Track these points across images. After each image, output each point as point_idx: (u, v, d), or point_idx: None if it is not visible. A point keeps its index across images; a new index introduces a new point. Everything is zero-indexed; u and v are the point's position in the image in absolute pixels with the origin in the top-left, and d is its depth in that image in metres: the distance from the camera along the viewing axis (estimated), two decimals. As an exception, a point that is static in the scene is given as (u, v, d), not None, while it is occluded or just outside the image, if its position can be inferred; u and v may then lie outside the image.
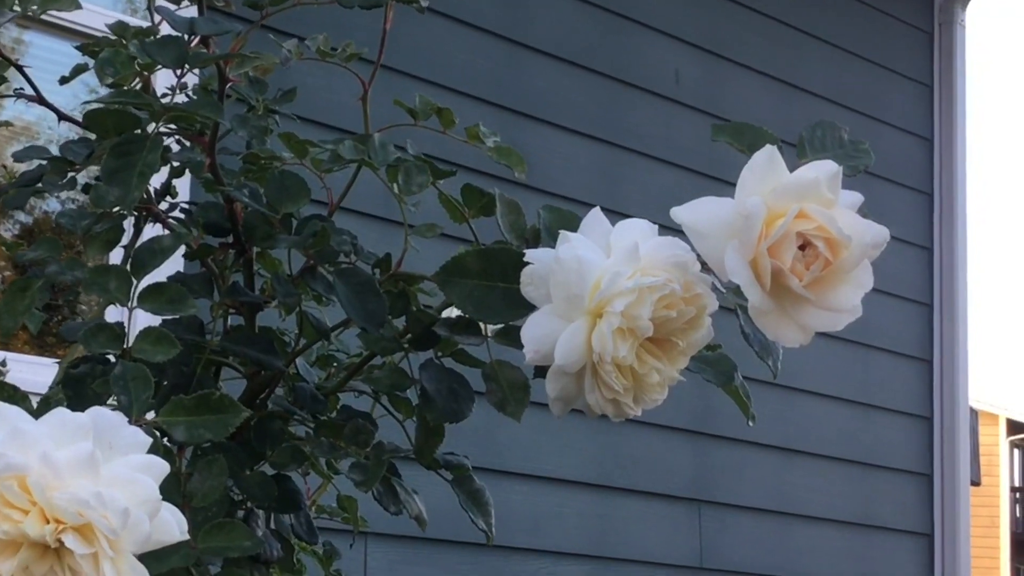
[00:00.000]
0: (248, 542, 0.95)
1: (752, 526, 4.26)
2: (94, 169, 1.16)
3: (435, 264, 0.94)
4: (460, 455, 1.10)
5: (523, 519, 3.72)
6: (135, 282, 0.98)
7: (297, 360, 1.13)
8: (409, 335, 1.03)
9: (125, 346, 0.96)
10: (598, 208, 0.95)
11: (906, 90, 4.73)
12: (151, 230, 1.17)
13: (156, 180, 1.08)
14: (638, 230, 0.94)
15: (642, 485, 3.98)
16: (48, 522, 0.81)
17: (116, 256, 1.17)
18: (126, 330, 0.97)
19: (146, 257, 0.99)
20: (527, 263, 0.93)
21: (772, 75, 4.37)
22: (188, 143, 1.15)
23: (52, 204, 3.43)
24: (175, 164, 1.19)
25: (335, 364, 1.28)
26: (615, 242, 0.94)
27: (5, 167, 1.82)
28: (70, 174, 1.19)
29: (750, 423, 1.07)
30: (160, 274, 1.05)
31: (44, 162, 1.07)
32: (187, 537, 0.84)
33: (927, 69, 4.82)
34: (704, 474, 4.15)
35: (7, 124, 2.08)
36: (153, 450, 0.85)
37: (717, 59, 4.29)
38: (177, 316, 0.97)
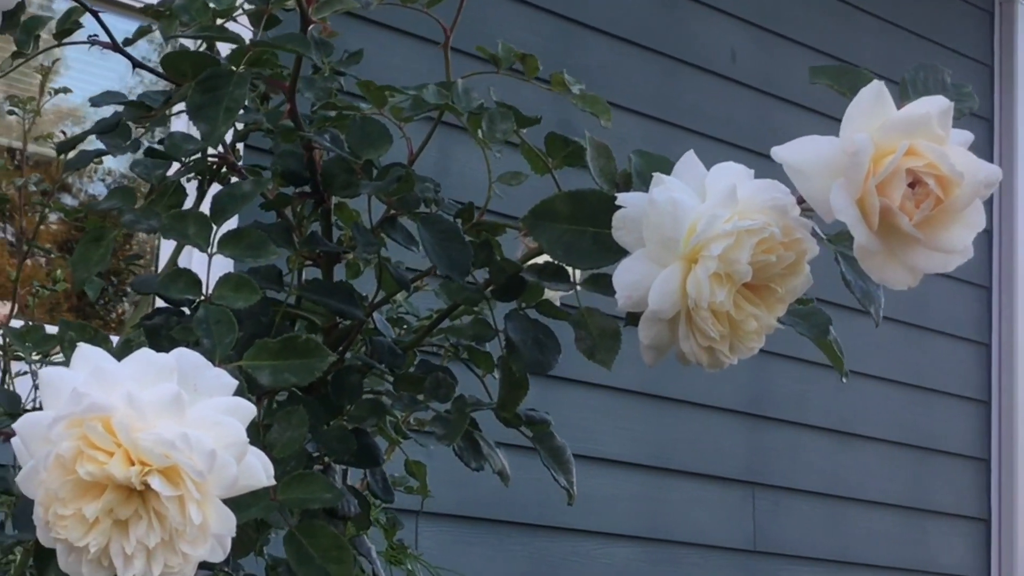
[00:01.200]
0: (328, 494, 0.93)
1: (806, 510, 4.21)
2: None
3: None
4: (541, 411, 1.07)
5: (577, 500, 3.68)
6: (214, 227, 0.96)
7: (374, 315, 1.10)
8: (492, 286, 1.00)
9: (204, 293, 0.94)
10: (692, 151, 0.92)
11: (964, 69, 4.65)
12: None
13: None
14: (735, 173, 0.91)
15: (695, 467, 3.94)
16: (133, 464, 0.79)
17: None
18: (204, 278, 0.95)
19: (226, 202, 0.96)
20: (619, 207, 0.90)
21: (828, 52, 4.31)
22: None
23: (99, 188, 3.42)
24: (239, 127, 1.16)
25: (404, 326, 1.25)
26: (711, 185, 0.91)
27: (64, 133, 1.80)
28: (133, 138, 1.17)
29: (844, 379, 1.03)
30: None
31: (121, 107, 1.05)
32: (273, 482, 0.82)
33: (986, 48, 4.75)
34: (758, 456, 4.11)
35: (66, 90, 2.06)
36: (238, 393, 0.82)
37: (773, 36, 4.24)
38: (257, 263, 0.94)
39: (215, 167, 1.11)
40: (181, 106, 1.07)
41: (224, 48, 1.10)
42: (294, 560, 0.92)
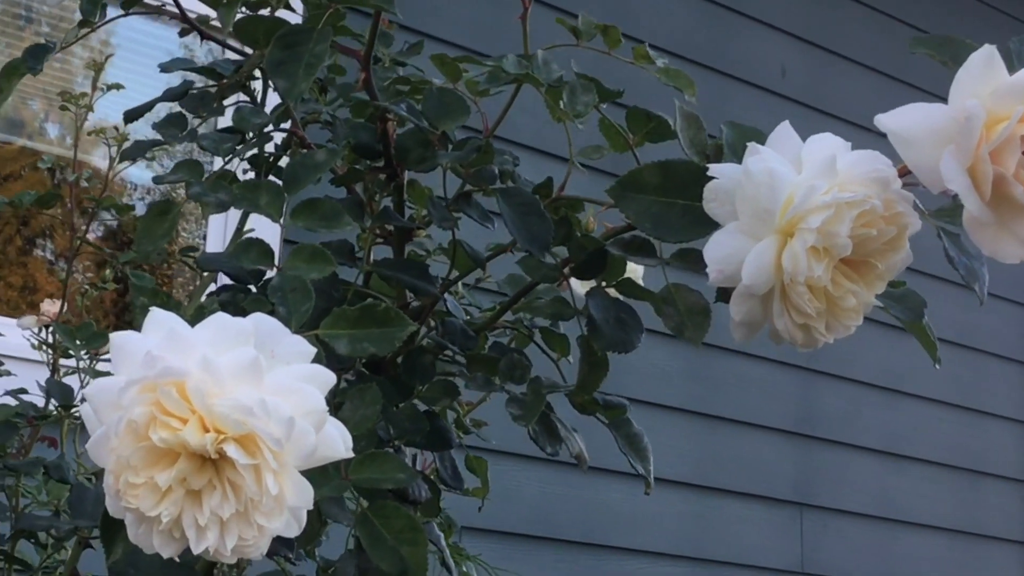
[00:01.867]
0: (402, 474, 0.89)
1: (855, 531, 4.15)
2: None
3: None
4: (620, 396, 1.03)
5: (620, 518, 3.65)
6: (287, 198, 0.92)
7: (446, 297, 1.07)
8: (571, 264, 0.97)
9: (276, 264, 0.90)
10: (787, 122, 0.88)
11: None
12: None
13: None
14: (833, 144, 0.87)
15: (742, 486, 3.89)
16: (208, 431, 0.75)
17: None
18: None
19: (299, 172, 0.93)
20: (711, 178, 0.86)
21: (878, 69, 4.26)
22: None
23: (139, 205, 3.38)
24: (300, 117, 1.13)
25: (468, 317, 1.22)
26: (807, 157, 0.87)
27: (117, 129, 1.77)
28: (189, 127, 1.14)
29: (937, 366, 0.99)
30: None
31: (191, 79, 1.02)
32: (352, 455, 0.78)
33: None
34: (806, 477, 4.05)
35: (118, 86, 2.04)
36: (316, 362, 0.79)
37: (823, 53, 4.20)
38: (331, 234, 0.91)
39: (289, 139, 1.08)
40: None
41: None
42: (366, 541, 0.89)
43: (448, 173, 1.01)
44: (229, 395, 0.75)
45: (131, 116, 1.11)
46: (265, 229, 1.06)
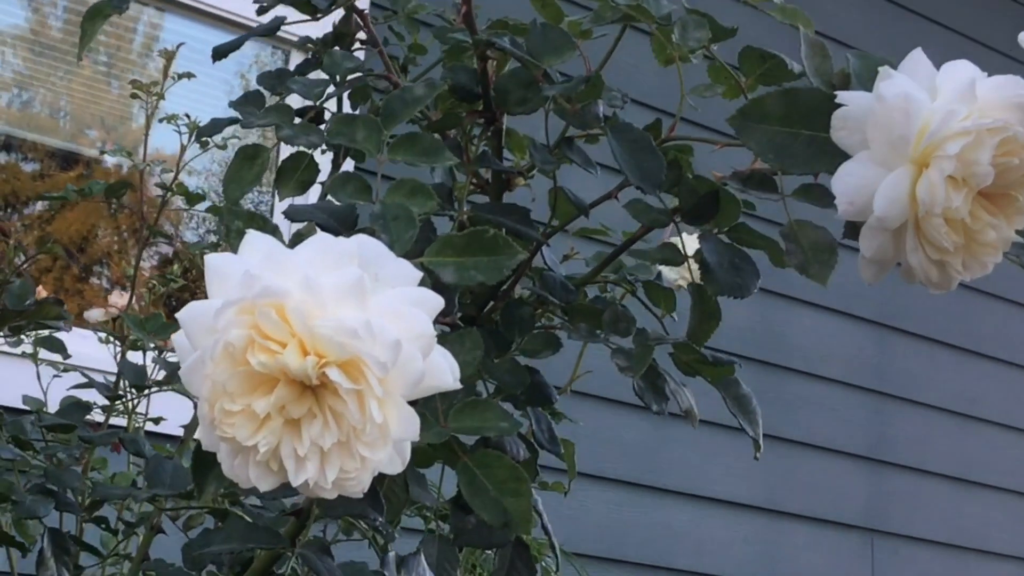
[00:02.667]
0: (504, 423, 0.84)
1: (927, 559, 4.06)
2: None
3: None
4: (729, 353, 0.98)
5: (686, 541, 3.58)
6: (385, 133, 0.88)
7: (544, 251, 1.02)
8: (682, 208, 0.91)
9: (374, 199, 0.86)
10: (919, 49, 0.83)
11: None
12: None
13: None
14: (970, 70, 0.82)
15: (812, 511, 3.82)
16: (309, 355, 0.70)
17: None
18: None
19: (396, 106, 0.89)
20: (838, 106, 0.81)
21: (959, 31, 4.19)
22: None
23: (189, 235, 3.36)
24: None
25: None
26: (943, 83, 0.81)
27: (189, 116, 1.74)
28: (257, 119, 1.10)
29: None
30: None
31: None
32: (460, 386, 0.73)
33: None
34: (877, 502, 3.97)
35: (189, 75, 2.01)
36: (423, 286, 0.74)
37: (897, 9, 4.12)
38: (433, 168, 0.86)
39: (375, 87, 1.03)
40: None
41: None
42: (467, 491, 0.84)
43: (550, 119, 0.96)
44: (332, 316, 0.70)
45: (219, 53, 1.08)
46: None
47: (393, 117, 0.88)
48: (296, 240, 0.77)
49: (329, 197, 0.95)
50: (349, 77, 0.99)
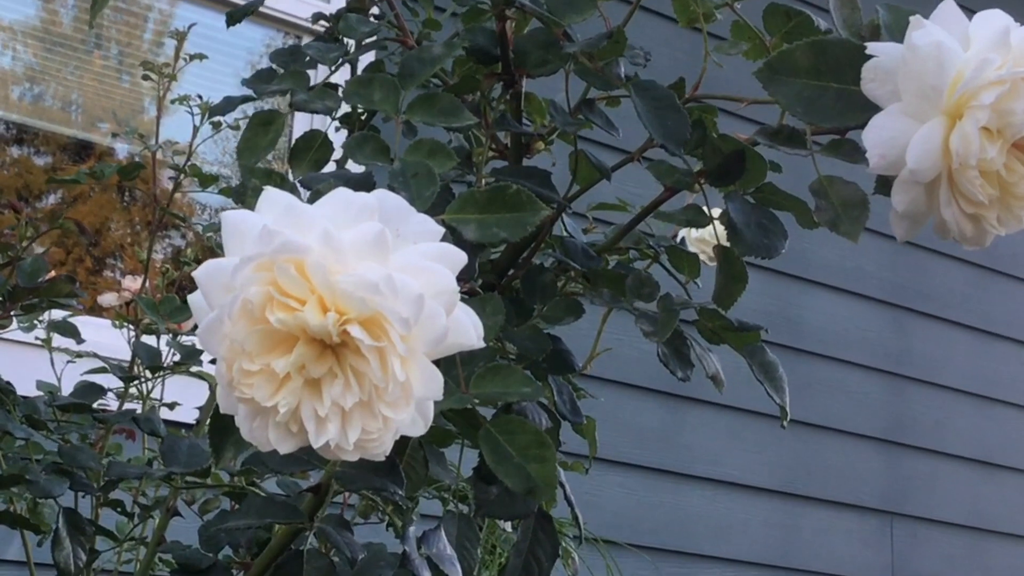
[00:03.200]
0: (527, 388, 0.82)
1: (946, 541, 4.03)
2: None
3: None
4: (753, 322, 0.96)
5: (706, 525, 3.57)
6: (402, 92, 0.86)
7: (564, 218, 1.00)
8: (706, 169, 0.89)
9: (393, 158, 0.84)
10: (951, -1, 0.81)
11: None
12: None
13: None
14: (1004, 19, 0.79)
15: (831, 494, 3.80)
16: (329, 312, 0.68)
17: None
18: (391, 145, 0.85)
19: (414, 66, 0.87)
20: (868, 58, 0.79)
21: None
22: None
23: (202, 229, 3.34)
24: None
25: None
26: (976, 32, 0.79)
27: (201, 97, 1.73)
28: (271, 86, 1.09)
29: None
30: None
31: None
32: (484, 344, 0.71)
33: None
34: (896, 485, 3.95)
35: (201, 56, 1.99)
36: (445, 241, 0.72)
37: None
38: (451, 128, 0.84)
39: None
40: None
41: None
42: (490, 458, 0.82)
43: (570, 83, 0.94)
44: (352, 272, 0.68)
45: (234, 18, 1.06)
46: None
47: (411, 77, 0.86)
48: (315, 197, 0.75)
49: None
50: (365, 41, 0.97)
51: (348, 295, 0.68)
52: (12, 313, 1.18)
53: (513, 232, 0.74)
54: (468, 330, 0.71)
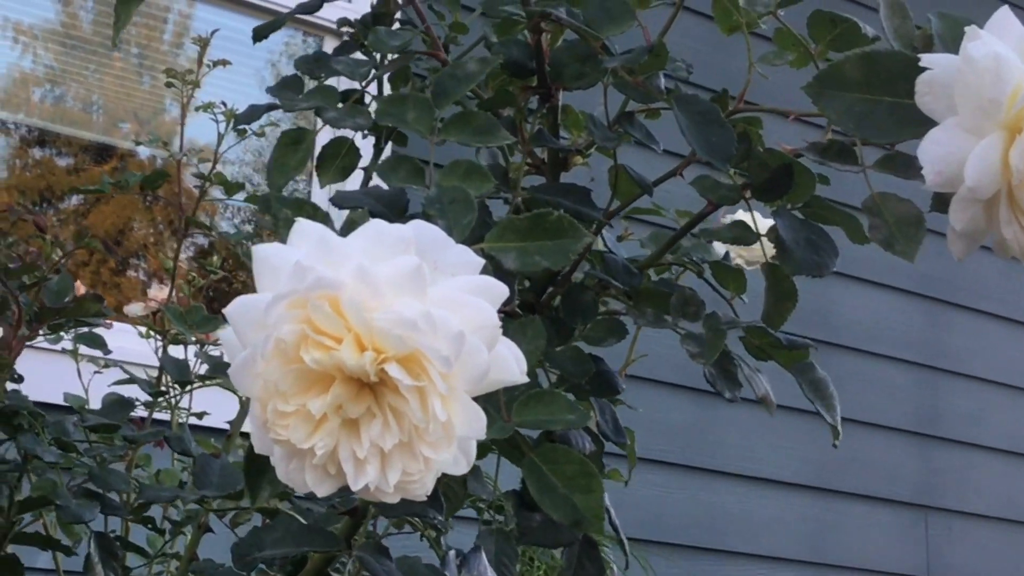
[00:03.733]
0: (572, 415, 0.79)
1: (981, 535, 3.99)
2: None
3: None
4: (802, 337, 0.93)
5: (738, 522, 3.54)
6: (437, 112, 0.83)
7: (603, 233, 0.97)
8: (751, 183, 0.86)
9: (427, 183, 0.81)
10: (1006, 7, 0.77)
11: None
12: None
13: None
14: (1063, 26, 0.76)
15: (864, 489, 3.77)
16: (366, 350, 0.66)
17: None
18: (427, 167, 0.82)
19: (448, 84, 0.84)
20: (921, 70, 0.75)
21: None
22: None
23: (225, 224, 3.33)
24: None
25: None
26: (1034, 41, 0.76)
27: (225, 104, 1.70)
28: (300, 103, 1.06)
29: None
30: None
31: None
32: (527, 379, 0.68)
33: None
34: (930, 479, 3.91)
35: (224, 63, 1.97)
36: (485, 273, 0.69)
37: None
38: (488, 147, 0.82)
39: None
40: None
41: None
42: (535, 489, 0.79)
43: (606, 94, 0.91)
44: (389, 308, 0.66)
45: (260, 34, 1.03)
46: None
47: (445, 95, 0.83)
48: (348, 228, 0.72)
49: (375, 181, 0.90)
50: (394, 56, 0.94)
51: (385, 333, 0.65)
52: (41, 332, 1.16)
53: (555, 260, 0.71)
54: (511, 365, 0.68)
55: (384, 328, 0.65)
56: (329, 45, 3.25)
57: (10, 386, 1.35)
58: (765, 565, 3.63)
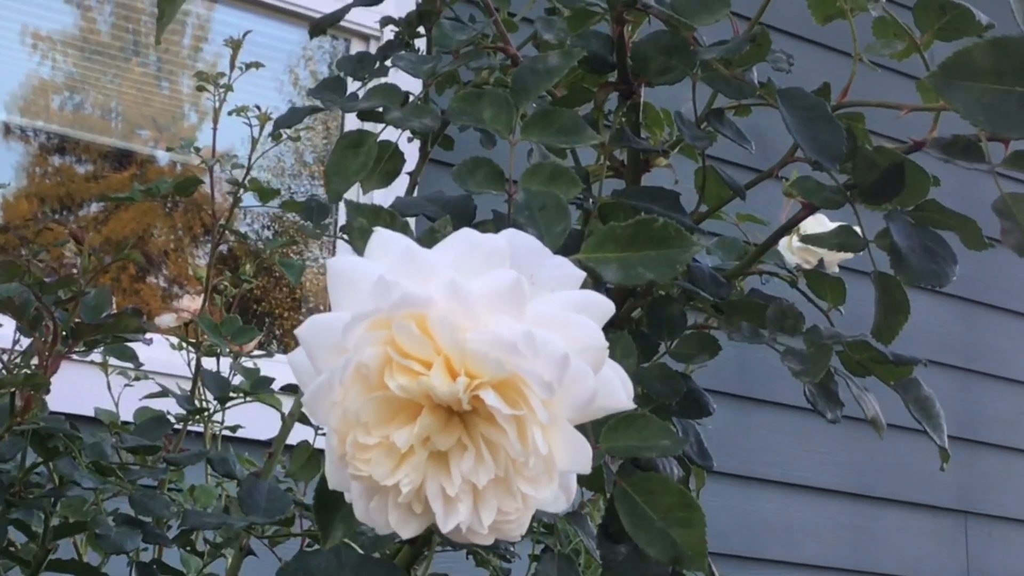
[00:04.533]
0: (667, 440, 0.72)
1: (1023, 540, 3.92)
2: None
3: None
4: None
5: (775, 530, 3.47)
6: (516, 110, 0.76)
7: (688, 239, 0.89)
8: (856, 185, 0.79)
9: (507, 188, 0.74)
10: None
11: None
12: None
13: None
14: None
15: (903, 495, 3.70)
16: (458, 375, 0.58)
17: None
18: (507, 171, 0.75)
19: (528, 79, 0.76)
20: (1058, 56, 0.68)
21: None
22: None
23: (242, 229, 3.29)
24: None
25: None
26: None
27: (259, 108, 1.64)
28: (360, 103, 1.00)
29: None
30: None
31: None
32: (635, 406, 0.61)
33: None
34: (970, 483, 3.85)
35: (258, 65, 1.91)
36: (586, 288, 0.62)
37: None
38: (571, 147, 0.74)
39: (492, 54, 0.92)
40: None
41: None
42: (628, 522, 0.71)
43: (695, 89, 0.84)
44: (485, 328, 0.58)
45: (317, 29, 0.96)
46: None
47: (525, 92, 0.76)
48: (430, 239, 0.65)
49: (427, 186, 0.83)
50: (463, 50, 0.87)
51: (481, 356, 0.58)
52: (76, 350, 1.09)
53: (661, 272, 0.64)
54: (617, 391, 0.61)
55: (480, 351, 0.58)
56: (354, 48, 3.19)
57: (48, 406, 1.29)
58: (802, 573, 3.58)
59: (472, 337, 0.58)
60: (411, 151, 1.19)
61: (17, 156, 3.04)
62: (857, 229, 0.81)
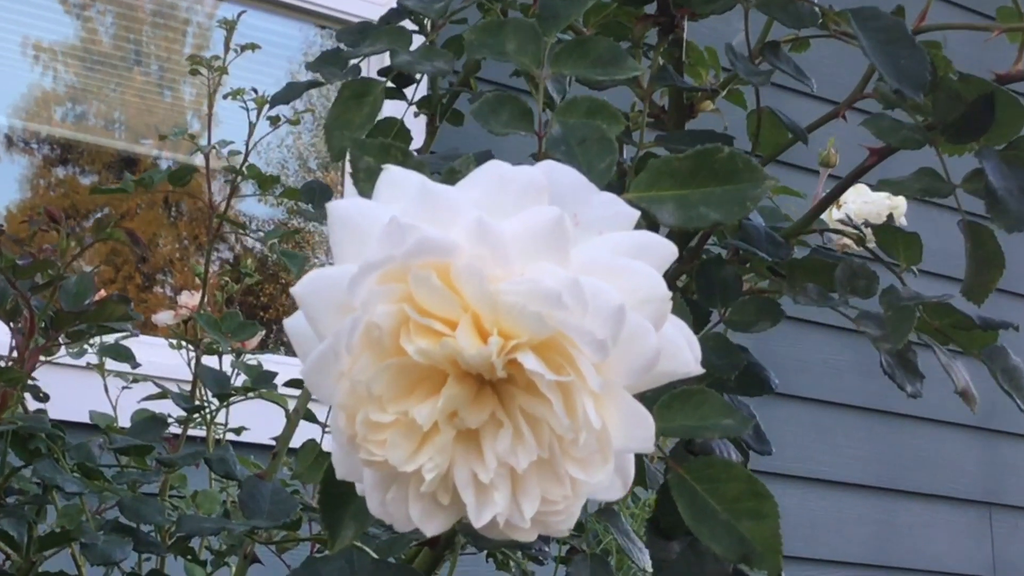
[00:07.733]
0: (730, 419, 0.61)
1: (1050, 533, 3.84)
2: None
3: None
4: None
5: (797, 524, 3.40)
6: (544, 39, 0.65)
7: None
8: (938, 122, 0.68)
9: (537, 129, 0.63)
10: None
11: None
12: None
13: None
14: None
15: (926, 487, 3.64)
16: (490, 335, 0.48)
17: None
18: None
19: (557, 4, 0.66)
20: None
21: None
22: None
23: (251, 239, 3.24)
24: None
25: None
26: None
27: (255, 91, 1.56)
28: (351, 62, 0.90)
29: None
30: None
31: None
32: (702, 370, 0.50)
33: None
34: (994, 475, 3.78)
35: (253, 47, 1.82)
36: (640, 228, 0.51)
37: None
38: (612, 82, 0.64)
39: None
40: None
41: None
42: (688, 515, 0.61)
43: (747, 19, 0.73)
44: (521, 277, 0.48)
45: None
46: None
47: (554, 19, 0.66)
48: (450, 178, 0.54)
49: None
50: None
51: (518, 310, 0.47)
52: (60, 341, 0.98)
53: (728, 212, 0.53)
54: (683, 352, 0.50)
55: (516, 304, 0.47)
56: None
57: (36, 405, 1.19)
58: (826, 569, 3.52)
59: (506, 288, 0.47)
60: (417, 129, 1.10)
61: (21, 168, 3.03)
62: (942, 172, 0.70)
